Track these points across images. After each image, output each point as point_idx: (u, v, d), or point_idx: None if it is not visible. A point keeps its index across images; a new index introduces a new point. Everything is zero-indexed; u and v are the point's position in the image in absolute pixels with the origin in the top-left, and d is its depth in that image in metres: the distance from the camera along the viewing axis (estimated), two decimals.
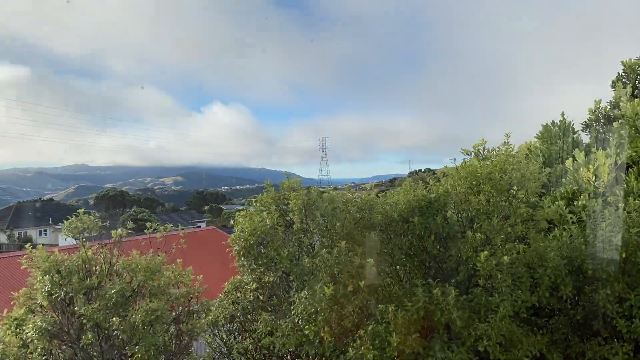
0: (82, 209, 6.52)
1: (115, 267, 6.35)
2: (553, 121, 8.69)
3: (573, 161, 6.93)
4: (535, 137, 8.90)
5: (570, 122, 8.51)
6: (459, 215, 6.12)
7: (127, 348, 5.92)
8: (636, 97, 7.34)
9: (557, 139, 8.50)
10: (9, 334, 5.93)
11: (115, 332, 5.69)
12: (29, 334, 5.63)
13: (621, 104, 7.29)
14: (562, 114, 8.53)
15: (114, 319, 5.61)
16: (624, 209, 5.54)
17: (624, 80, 8.02)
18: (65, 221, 6.36)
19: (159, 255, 6.63)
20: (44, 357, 5.72)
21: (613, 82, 8.06)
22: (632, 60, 8.00)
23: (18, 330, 5.96)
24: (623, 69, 8.07)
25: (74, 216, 6.36)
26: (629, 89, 7.42)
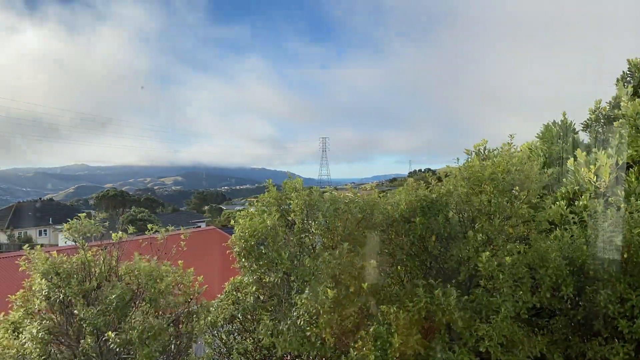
0: (84, 214, 6.49)
1: (115, 270, 6.32)
2: (554, 121, 8.68)
3: (574, 161, 6.92)
4: (536, 136, 8.89)
5: (571, 122, 8.50)
6: (461, 215, 6.11)
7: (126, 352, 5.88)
8: (638, 97, 7.32)
9: (557, 139, 8.49)
10: (6, 338, 5.89)
11: (111, 344, 5.62)
12: (26, 343, 5.57)
13: (622, 103, 7.27)
14: (564, 114, 8.52)
15: (109, 333, 5.52)
16: (626, 209, 5.54)
17: (628, 79, 7.99)
18: (66, 224, 6.34)
19: (163, 263, 6.58)
20: (42, 358, 5.70)
21: (617, 80, 8.02)
22: (638, 59, 7.95)
23: (15, 334, 5.91)
24: (628, 68, 8.02)
25: (75, 218, 6.34)
26: (630, 89, 7.40)
